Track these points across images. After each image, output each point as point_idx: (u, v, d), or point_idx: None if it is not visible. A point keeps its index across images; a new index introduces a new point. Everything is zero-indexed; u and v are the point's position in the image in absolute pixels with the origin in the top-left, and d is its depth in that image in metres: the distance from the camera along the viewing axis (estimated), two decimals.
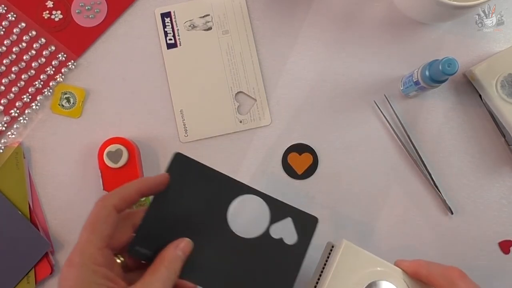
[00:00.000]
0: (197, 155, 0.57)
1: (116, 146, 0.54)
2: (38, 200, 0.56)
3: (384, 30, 0.58)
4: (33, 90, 0.57)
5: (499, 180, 0.57)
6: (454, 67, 0.47)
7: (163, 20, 0.58)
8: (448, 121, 0.57)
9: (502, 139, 0.56)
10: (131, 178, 0.54)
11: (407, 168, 0.57)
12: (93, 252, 0.33)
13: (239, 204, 0.40)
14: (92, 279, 0.32)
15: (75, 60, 0.58)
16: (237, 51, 0.58)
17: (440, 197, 0.56)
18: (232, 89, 0.57)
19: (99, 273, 0.33)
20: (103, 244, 0.34)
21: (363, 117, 0.57)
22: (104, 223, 0.35)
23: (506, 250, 0.56)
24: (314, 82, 0.57)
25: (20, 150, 0.56)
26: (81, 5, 0.57)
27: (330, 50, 0.58)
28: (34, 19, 0.57)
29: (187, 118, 0.57)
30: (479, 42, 0.58)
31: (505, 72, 0.53)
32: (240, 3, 0.58)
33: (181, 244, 0.37)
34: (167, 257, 0.36)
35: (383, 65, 0.58)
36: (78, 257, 0.33)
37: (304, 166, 0.57)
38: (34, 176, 0.57)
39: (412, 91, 0.54)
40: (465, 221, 0.56)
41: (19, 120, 0.57)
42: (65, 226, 0.56)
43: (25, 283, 0.54)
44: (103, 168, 0.54)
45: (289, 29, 0.58)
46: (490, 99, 0.54)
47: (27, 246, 0.54)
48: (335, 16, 0.58)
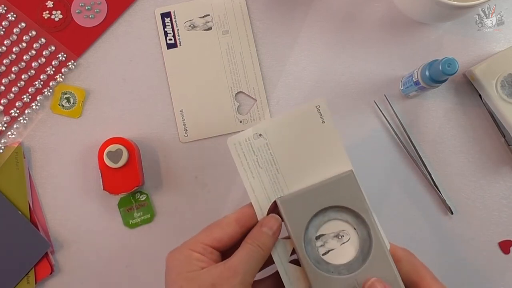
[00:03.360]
0: (197, 155, 0.58)
1: (116, 146, 0.54)
2: (38, 200, 0.56)
3: (384, 30, 0.58)
4: (33, 90, 0.57)
5: (499, 180, 0.57)
6: (454, 67, 0.47)
7: (163, 20, 0.58)
8: (448, 121, 0.57)
9: (502, 139, 0.56)
10: (131, 178, 0.54)
11: (407, 168, 0.57)
12: (194, 242, 0.40)
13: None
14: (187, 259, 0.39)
15: (75, 60, 0.58)
16: (237, 51, 0.58)
17: (440, 197, 0.56)
18: (232, 89, 0.57)
19: (192, 255, 0.39)
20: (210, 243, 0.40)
21: (363, 117, 0.57)
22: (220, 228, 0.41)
23: (506, 250, 0.56)
24: (314, 82, 0.57)
25: (20, 150, 0.56)
26: (81, 5, 0.57)
27: (330, 50, 0.58)
28: (34, 19, 0.57)
29: (187, 118, 0.57)
30: (479, 42, 0.58)
31: (505, 72, 0.53)
32: (240, 3, 0.58)
33: (264, 220, 0.40)
34: (250, 234, 0.40)
35: (383, 65, 0.58)
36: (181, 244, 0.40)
37: None
38: (34, 176, 0.57)
39: (412, 91, 0.54)
40: (465, 221, 0.56)
41: (19, 120, 0.57)
42: (65, 226, 0.56)
43: (25, 283, 0.54)
44: (103, 168, 0.54)
45: (289, 29, 0.58)
46: (490, 99, 0.54)
47: (27, 246, 0.54)
48: (335, 16, 0.58)
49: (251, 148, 0.42)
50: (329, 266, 0.41)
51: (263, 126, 0.43)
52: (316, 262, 0.40)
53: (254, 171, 0.42)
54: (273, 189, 0.42)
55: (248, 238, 0.40)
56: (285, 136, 0.43)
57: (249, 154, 0.42)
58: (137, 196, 0.56)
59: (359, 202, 0.41)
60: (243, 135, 0.43)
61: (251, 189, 0.42)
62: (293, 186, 0.42)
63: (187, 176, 0.57)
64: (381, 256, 0.40)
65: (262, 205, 0.42)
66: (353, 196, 0.41)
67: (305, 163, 0.43)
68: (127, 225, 0.56)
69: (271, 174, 0.42)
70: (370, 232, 0.41)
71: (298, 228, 0.40)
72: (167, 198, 0.57)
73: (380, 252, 0.40)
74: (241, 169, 0.42)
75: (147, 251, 0.56)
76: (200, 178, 0.57)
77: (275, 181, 0.42)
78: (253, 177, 0.42)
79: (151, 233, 0.56)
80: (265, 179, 0.42)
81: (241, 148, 0.42)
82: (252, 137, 0.42)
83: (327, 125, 0.43)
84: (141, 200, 0.56)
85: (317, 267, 0.40)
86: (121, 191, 0.54)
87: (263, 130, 0.43)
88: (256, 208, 0.41)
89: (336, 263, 0.40)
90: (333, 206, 0.41)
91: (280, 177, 0.42)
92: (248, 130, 0.43)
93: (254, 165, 0.42)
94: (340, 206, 0.41)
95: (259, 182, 0.42)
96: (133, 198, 0.56)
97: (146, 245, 0.56)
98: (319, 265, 0.40)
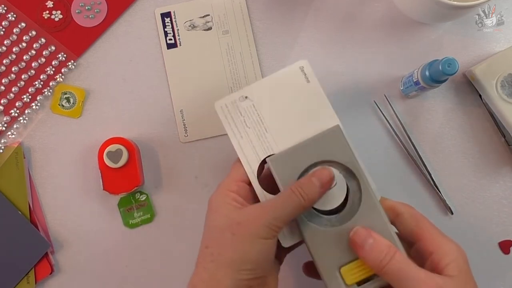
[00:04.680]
0: (197, 155, 0.58)
1: (116, 146, 0.54)
2: (38, 200, 0.56)
3: (384, 30, 0.58)
4: (33, 90, 0.57)
5: (499, 180, 0.57)
6: (454, 67, 0.47)
7: (163, 20, 0.58)
8: (448, 121, 0.57)
9: (502, 139, 0.56)
10: (131, 178, 0.54)
11: (407, 168, 0.57)
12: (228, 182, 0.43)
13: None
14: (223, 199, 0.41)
15: (75, 60, 0.58)
16: (237, 51, 0.58)
17: (440, 197, 0.56)
18: (232, 89, 0.57)
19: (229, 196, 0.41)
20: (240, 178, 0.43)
21: (363, 117, 0.57)
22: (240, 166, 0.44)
23: (506, 250, 0.56)
24: None
25: (20, 150, 0.56)
26: (81, 5, 0.57)
27: (330, 50, 0.58)
28: (34, 19, 0.57)
29: (187, 118, 0.57)
30: (479, 42, 0.58)
31: (505, 72, 0.53)
32: (240, 3, 0.58)
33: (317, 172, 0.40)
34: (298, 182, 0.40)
35: (383, 65, 0.58)
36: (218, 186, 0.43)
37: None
38: (34, 176, 0.57)
39: (412, 91, 0.54)
40: (465, 221, 0.56)
41: (19, 120, 0.57)
42: (65, 226, 0.56)
43: (25, 283, 0.54)
44: (103, 168, 0.54)
45: (289, 29, 0.58)
46: (490, 99, 0.54)
47: (27, 246, 0.54)
48: (335, 16, 0.58)
49: (238, 110, 0.44)
50: (322, 219, 0.41)
51: (249, 89, 0.45)
52: (309, 216, 0.41)
53: (242, 131, 0.44)
54: (262, 148, 0.43)
55: (294, 184, 0.40)
56: (271, 97, 0.44)
57: (236, 115, 0.44)
58: (137, 196, 0.56)
59: (347, 155, 0.42)
60: (229, 98, 0.44)
61: (240, 148, 0.44)
62: (282, 144, 0.43)
63: (187, 176, 0.57)
64: (371, 206, 0.41)
65: (251, 164, 0.43)
66: (341, 149, 0.42)
67: (293, 121, 0.44)
68: (127, 225, 0.56)
69: (259, 133, 0.44)
70: (360, 184, 0.41)
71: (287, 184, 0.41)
72: (167, 198, 0.57)
73: (370, 202, 0.41)
74: (229, 130, 0.44)
75: (147, 251, 0.56)
76: (200, 178, 0.57)
77: (264, 140, 0.44)
78: (241, 137, 0.44)
79: (151, 233, 0.56)
80: (253, 139, 0.44)
81: (228, 110, 0.44)
82: (238, 100, 0.44)
83: (312, 85, 0.45)
84: (141, 200, 0.56)
85: (310, 221, 0.41)
86: (121, 191, 0.54)
87: (249, 93, 0.44)
88: (246, 167, 0.43)
89: (326, 209, 0.41)
90: (322, 161, 0.42)
91: (268, 136, 0.44)
92: (234, 94, 0.45)
93: (242, 125, 0.44)
94: (329, 160, 0.42)
95: (248, 141, 0.44)
96: (133, 198, 0.56)
97: (146, 245, 0.56)
98: (312, 219, 0.41)
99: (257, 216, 0.39)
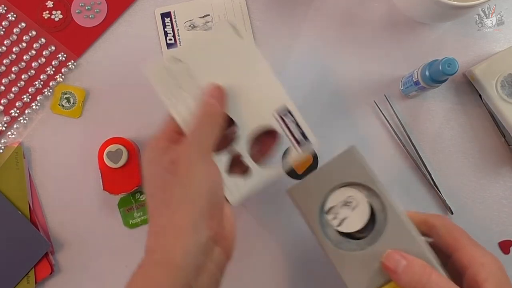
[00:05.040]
0: None
1: (116, 146, 0.54)
2: (38, 200, 0.56)
3: (384, 30, 0.58)
4: (33, 90, 0.57)
5: (499, 180, 0.57)
6: (454, 67, 0.47)
7: (163, 20, 0.58)
8: (448, 121, 0.57)
9: (502, 139, 0.56)
10: (131, 178, 0.54)
11: (407, 168, 0.57)
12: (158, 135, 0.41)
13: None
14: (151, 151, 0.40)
15: (75, 60, 0.58)
16: None
17: (440, 197, 0.56)
18: None
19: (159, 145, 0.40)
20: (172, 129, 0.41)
21: (363, 117, 0.57)
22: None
23: (506, 250, 0.56)
24: (314, 82, 0.57)
25: (20, 150, 0.56)
26: (81, 5, 0.57)
27: (330, 50, 0.58)
28: (34, 19, 0.57)
29: None
30: (479, 42, 0.58)
31: (505, 72, 0.53)
32: (240, 4, 0.58)
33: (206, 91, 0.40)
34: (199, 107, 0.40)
35: (383, 65, 0.58)
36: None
37: (304, 166, 0.57)
38: (34, 176, 0.57)
39: (412, 91, 0.54)
40: (465, 221, 0.56)
41: (19, 120, 0.57)
42: (65, 226, 0.56)
43: (25, 283, 0.54)
44: (103, 168, 0.54)
45: (289, 29, 0.58)
46: (490, 99, 0.54)
47: (27, 246, 0.54)
48: (335, 16, 0.58)
49: (171, 74, 0.41)
50: (351, 244, 0.40)
51: (180, 51, 0.42)
52: (338, 243, 0.40)
53: (178, 96, 0.41)
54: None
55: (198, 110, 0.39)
56: (205, 57, 0.42)
57: (170, 80, 0.41)
58: (137, 196, 0.56)
59: (366, 174, 0.41)
60: (159, 62, 0.41)
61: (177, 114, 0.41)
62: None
63: None
64: (397, 223, 0.39)
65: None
66: (359, 170, 0.41)
67: (231, 82, 0.41)
68: (127, 225, 0.56)
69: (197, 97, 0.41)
70: (384, 202, 0.40)
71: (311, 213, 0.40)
72: None
73: (395, 219, 0.39)
74: (162, 97, 0.41)
75: None
76: None
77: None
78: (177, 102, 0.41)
79: None
80: (191, 103, 0.41)
81: (160, 75, 0.41)
82: (170, 63, 0.41)
83: (246, 42, 0.42)
84: (141, 200, 0.56)
85: (339, 248, 0.40)
86: (121, 191, 0.54)
87: (180, 55, 0.42)
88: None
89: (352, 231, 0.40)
90: (341, 184, 0.41)
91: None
92: (163, 57, 0.41)
93: (177, 90, 0.41)
94: (348, 182, 0.41)
95: (185, 107, 0.41)
96: (133, 198, 0.56)
97: None
98: (342, 245, 0.40)
99: (185, 148, 0.38)
